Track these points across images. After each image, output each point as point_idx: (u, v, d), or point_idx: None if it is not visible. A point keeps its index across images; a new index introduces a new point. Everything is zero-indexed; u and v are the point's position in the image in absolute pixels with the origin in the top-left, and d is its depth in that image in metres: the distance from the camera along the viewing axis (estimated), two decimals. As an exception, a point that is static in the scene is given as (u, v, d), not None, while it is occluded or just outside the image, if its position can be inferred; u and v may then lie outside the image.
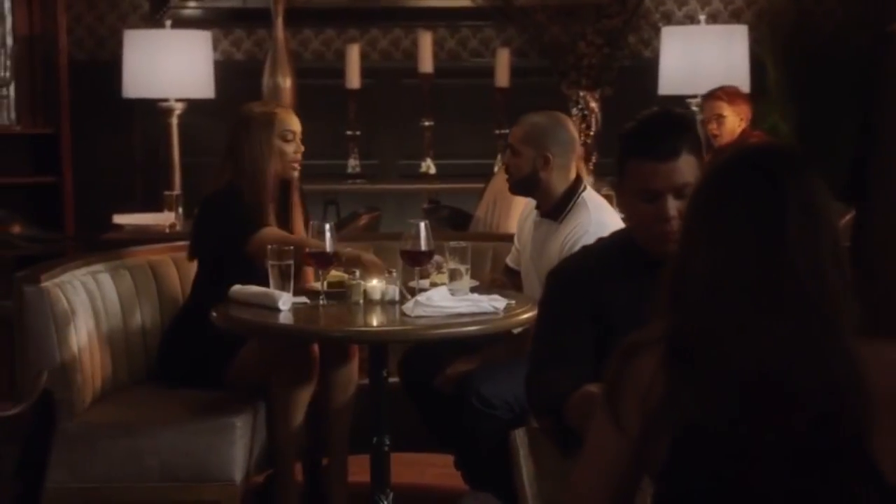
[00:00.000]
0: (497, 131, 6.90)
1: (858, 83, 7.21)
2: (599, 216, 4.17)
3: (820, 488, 1.89)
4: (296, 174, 4.46)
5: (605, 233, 3.17)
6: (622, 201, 2.92)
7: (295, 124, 4.44)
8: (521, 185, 4.35)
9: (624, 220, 3.26)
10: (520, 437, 2.73)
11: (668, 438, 1.92)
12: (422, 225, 4.08)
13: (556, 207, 4.26)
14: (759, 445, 1.89)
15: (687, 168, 2.77)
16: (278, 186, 4.42)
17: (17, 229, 6.09)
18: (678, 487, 1.93)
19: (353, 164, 7.09)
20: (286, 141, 4.39)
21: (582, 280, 2.92)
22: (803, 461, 1.88)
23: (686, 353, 1.93)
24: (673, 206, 2.73)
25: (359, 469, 4.32)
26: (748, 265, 1.93)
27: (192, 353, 4.32)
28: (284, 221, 4.45)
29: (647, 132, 2.84)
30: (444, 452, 4.51)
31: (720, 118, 6.20)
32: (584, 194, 4.28)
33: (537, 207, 4.35)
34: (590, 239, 3.43)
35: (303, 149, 4.45)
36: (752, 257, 1.93)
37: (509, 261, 4.60)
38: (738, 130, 6.17)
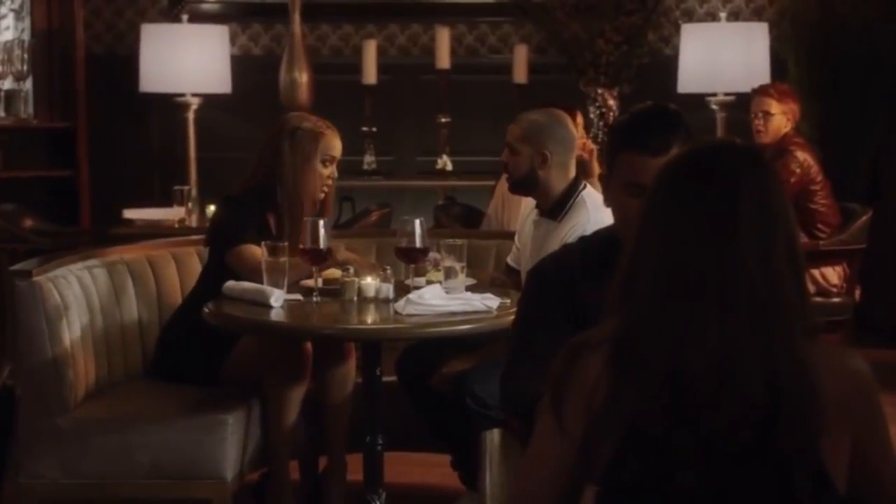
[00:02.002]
0: (514, 128, 6.84)
1: (882, 82, 7.14)
2: (598, 215, 4.08)
3: (766, 492, 1.83)
4: (322, 196, 4.39)
5: None
6: (609, 196, 2.85)
7: (338, 150, 4.37)
8: (519, 184, 4.30)
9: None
10: (490, 438, 2.68)
11: (611, 440, 1.87)
12: (416, 222, 4.05)
13: (556, 206, 4.20)
14: (703, 447, 1.83)
15: None
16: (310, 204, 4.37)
17: (28, 223, 6.09)
18: (621, 489, 1.87)
19: (369, 160, 7.06)
20: (325, 165, 4.34)
21: (561, 279, 2.87)
22: (749, 464, 1.83)
23: (632, 352, 1.88)
24: None
25: (352, 468, 4.28)
26: (698, 265, 1.88)
27: (189, 349, 4.28)
28: None
29: (638, 126, 2.78)
30: (439, 452, 4.47)
31: (767, 115, 6.05)
32: (583, 193, 4.22)
33: (537, 206, 4.30)
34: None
35: (336, 175, 4.39)
36: (703, 257, 1.88)
37: (510, 260, 4.55)
38: (784, 131, 6.03)
